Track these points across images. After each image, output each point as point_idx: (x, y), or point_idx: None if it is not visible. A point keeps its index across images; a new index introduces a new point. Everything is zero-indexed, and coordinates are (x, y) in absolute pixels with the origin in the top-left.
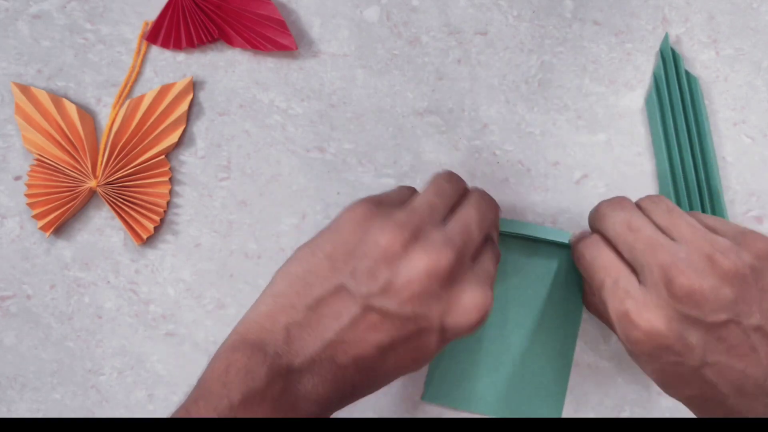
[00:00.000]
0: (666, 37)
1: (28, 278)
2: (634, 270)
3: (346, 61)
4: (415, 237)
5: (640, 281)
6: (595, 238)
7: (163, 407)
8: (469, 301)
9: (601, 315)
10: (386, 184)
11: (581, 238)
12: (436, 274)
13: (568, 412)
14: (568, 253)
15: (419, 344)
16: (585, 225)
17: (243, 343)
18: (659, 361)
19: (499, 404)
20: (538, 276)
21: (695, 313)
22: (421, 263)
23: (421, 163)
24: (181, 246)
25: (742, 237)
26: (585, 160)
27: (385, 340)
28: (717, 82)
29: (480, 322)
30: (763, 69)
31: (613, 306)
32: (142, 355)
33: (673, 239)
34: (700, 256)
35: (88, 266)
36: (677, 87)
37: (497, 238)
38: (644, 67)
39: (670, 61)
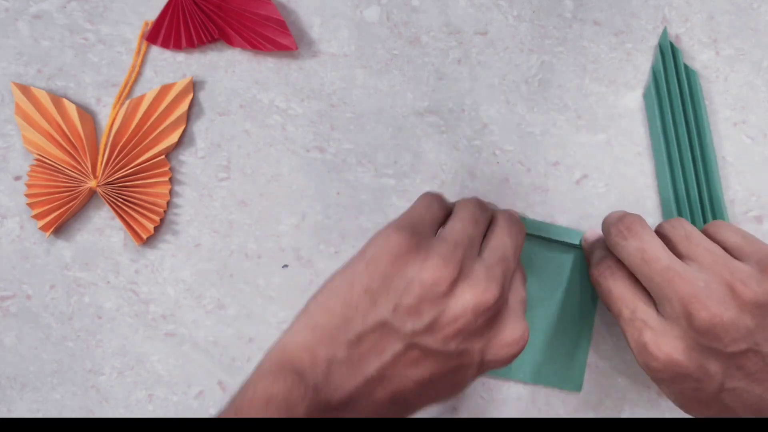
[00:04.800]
0: (665, 31)
1: (28, 278)
2: (652, 299)
3: (346, 61)
4: (459, 273)
5: (659, 311)
6: (609, 265)
7: (163, 407)
8: (509, 335)
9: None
10: (386, 184)
11: (594, 245)
12: (483, 311)
13: (568, 411)
14: (580, 250)
15: (457, 378)
16: (584, 225)
17: (282, 372)
18: (679, 386)
19: (533, 373)
20: (553, 268)
21: (715, 345)
22: (468, 301)
23: (421, 163)
24: (181, 246)
25: (766, 261)
26: (585, 160)
27: (425, 375)
28: (717, 82)
29: (517, 355)
30: (763, 69)
31: (632, 337)
32: (142, 355)
33: (691, 266)
34: (720, 285)
35: (88, 266)
36: (676, 80)
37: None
38: (644, 67)
39: (668, 55)
